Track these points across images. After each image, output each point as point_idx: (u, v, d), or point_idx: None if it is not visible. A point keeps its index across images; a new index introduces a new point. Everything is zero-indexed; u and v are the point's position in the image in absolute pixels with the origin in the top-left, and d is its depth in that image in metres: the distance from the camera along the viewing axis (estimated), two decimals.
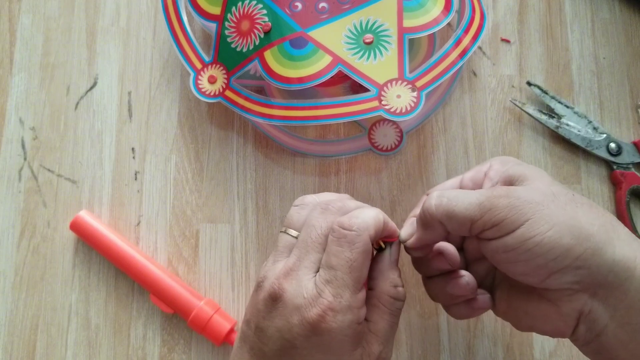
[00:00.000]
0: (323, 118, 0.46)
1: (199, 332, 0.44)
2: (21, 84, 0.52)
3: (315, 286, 0.31)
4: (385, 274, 0.34)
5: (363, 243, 0.31)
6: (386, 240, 0.35)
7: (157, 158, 0.50)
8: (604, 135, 0.50)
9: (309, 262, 0.32)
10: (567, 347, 0.46)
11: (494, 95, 0.52)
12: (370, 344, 0.32)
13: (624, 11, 0.54)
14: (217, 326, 0.44)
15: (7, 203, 0.49)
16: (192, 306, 0.45)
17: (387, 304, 0.33)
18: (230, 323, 0.45)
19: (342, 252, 0.31)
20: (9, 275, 0.48)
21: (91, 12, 0.54)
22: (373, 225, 0.32)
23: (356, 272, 0.31)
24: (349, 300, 0.31)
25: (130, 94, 0.52)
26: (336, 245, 0.31)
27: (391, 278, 0.34)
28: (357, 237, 0.31)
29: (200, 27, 0.52)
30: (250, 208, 0.49)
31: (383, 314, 0.33)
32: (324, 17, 0.47)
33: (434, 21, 0.46)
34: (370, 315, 0.33)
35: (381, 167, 0.50)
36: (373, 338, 0.32)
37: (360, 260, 0.31)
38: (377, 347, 0.32)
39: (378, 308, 0.33)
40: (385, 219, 0.34)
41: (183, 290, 0.45)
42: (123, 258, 0.46)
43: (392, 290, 0.33)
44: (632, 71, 0.52)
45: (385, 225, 0.34)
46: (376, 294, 0.33)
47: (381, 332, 0.32)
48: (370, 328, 0.33)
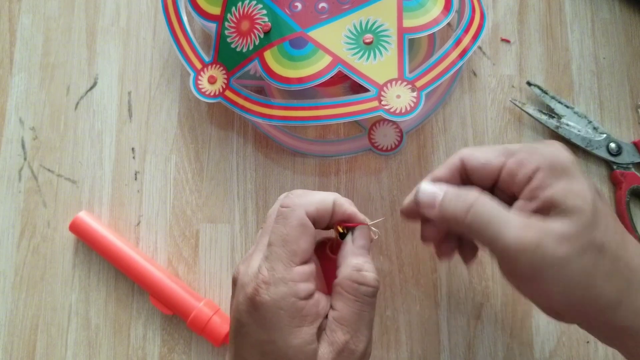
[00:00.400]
0: (323, 118, 0.46)
1: (199, 333, 0.44)
2: (21, 84, 0.52)
3: (258, 265, 0.32)
4: (348, 260, 0.33)
5: (296, 217, 0.32)
6: (347, 225, 0.34)
7: (157, 158, 0.50)
8: (604, 135, 0.50)
9: (262, 246, 0.33)
10: (567, 347, 0.46)
11: (494, 95, 0.52)
12: (334, 332, 0.31)
13: (624, 11, 0.54)
14: (216, 327, 0.44)
15: (7, 203, 0.49)
16: (191, 307, 0.45)
17: (349, 289, 0.32)
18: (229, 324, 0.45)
19: (277, 228, 0.32)
20: (9, 275, 0.48)
21: (91, 12, 0.54)
22: (314, 203, 0.33)
23: (290, 245, 0.31)
24: (282, 272, 0.31)
25: (130, 94, 0.52)
26: (275, 223, 0.32)
27: (354, 263, 0.33)
28: (291, 212, 0.32)
29: (200, 27, 0.52)
30: (250, 208, 0.49)
31: (347, 300, 0.32)
32: (323, 17, 0.47)
33: (434, 21, 0.46)
34: (335, 303, 0.32)
35: (381, 167, 0.50)
36: (337, 326, 0.31)
37: (294, 234, 0.32)
38: (342, 336, 0.31)
39: (341, 295, 0.32)
40: (338, 201, 0.34)
41: (182, 292, 0.45)
42: (122, 259, 0.46)
43: (355, 274, 0.32)
44: (632, 71, 0.52)
45: (338, 207, 0.33)
46: (338, 281, 0.33)
47: (346, 321, 0.31)
48: (334, 316, 0.32)
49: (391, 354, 0.46)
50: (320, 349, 0.31)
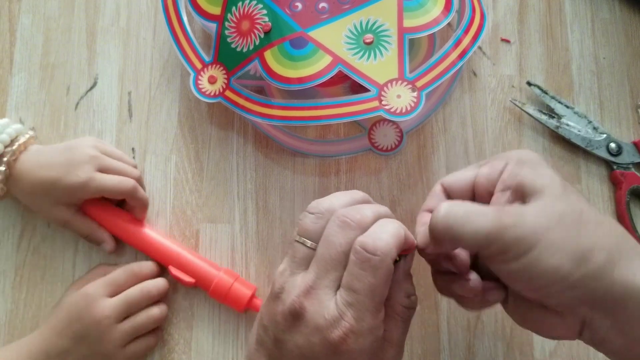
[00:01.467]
0: (323, 118, 0.46)
1: (221, 301, 0.45)
2: (21, 84, 0.52)
3: (336, 307, 0.31)
4: (400, 285, 0.34)
5: (386, 268, 0.31)
6: (404, 253, 0.34)
7: (157, 158, 0.50)
8: (604, 135, 0.50)
9: (329, 281, 0.32)
10: (567, 347, 0.46)
11: (494, 95, 0.52)
12: (385, 351, 0.33)
13: (624, 11, 0.54)
14: (238, 294, 0.45)
15: (7, 203, 0.49)
16: (212, 276, 0.45)
17: (402, 314, 0.33)
18: (251, 290, 0.45)
19: (365, 277, 0.31)
20: (9, 275, 0.48)
21: (91, 12, 0.54)
22: (395, 246, 0.32)
23: (378, 296, 0.31)
24: (370, 323, 0.31)
25: (130, 94, 0.52)
26: (359, 269, 0.31)
27: (405, 288, 0.34)
28: (381, 262, 0.31)
29: (200, 27, 0.52)
30: (250, 208, 0.49)
31: (397, 322, 0.33)
32: (324, 17, 0.47)
33: (434, 21, 0.46)
34: (385, 324, 0.33)
35: (381, 167, 0.50)
36: (387, 346, 0.33)
37: (382, 284, 0.31)
38: (391, 354, 0.33)
39: (393, 318, 0.33)
40: (405, 234, 0.33)
41: (201, 262, 0.46)
42: (137, 236, 0.47)
43: (406, 301, 0.34)
44: (632, 71, 0.53)
45: (405, 240, 0.33)
46: (391, 304, 0.33)
47: (395, 340, 0.33)
48: (385, 337, 0.33)
49: None
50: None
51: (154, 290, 0.45)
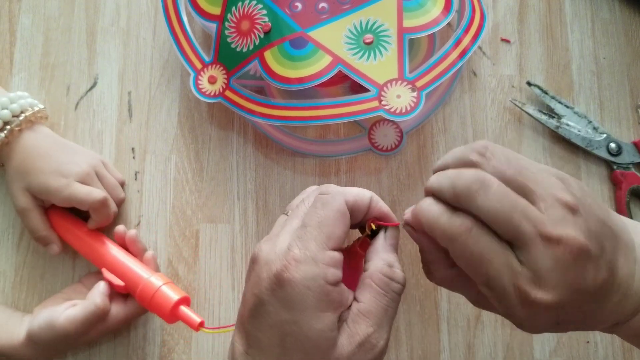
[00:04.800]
0: (323, 118, 0.46)
1: (147, 306, 0.42)
2: (21, 84, 0.52)
3: (288, 244, 0.31)
4: (380, 255, 0.33)
5: (336, 203, 0.32)
6: (381, 224, 0.34)
7: (157, 158, 0.50)
8: (604, 135, 0.50)
9: (290, 227, 0.32)
10: (567, 347, 0.46)
11: (494, 95, 0.52)
12: (357, 323, 0.31)
13: (624, 11, 0.54)
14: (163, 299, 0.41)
15: (7, 203, 0.49)
16: (139, 279, 0.43)
17: (379, 282, 0.32)
18: (179, 296, 0.42)
19: (315, 211, 0.32)
20: (9, 275, 0.48)
21: (91, 12, 0.54)
22: (353, 194, 0.33)
23: (326, 228, 0.31)
24: (314, 252, 0.30)
25: (130, 94, 0.52)
26: (311, 207, 0.32)
27: (385, 257, 0.33)
28: (331, 197, 0.32)
29: (200, 27, 0.52)
30: (250, 208, 0.49)
31: (376, 294, 0.32)
32: (324, 17, 0.47)
33: (434, 21, 0.46)
34: (361, 295, 0.32)
35: (381, 167, 0.50)
36: (361, 318, 0.31)
37: (331, 217, 0.32)
38: (365, 329, 0.31)
39: (370, 287, 0.32)
40: (374, 198, 0.34)
41: (135, 266, 0.44)
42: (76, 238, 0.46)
43: (386, 269, 0.32)
44: (632, 71, 0.52)
45: (374, 203, 0.34)
46: (368, 273, 0.32)
47: (372, 314, 0.31)
48: (360, 308, 0.31)
49: (391, 354, 0.46)
50: (340, 339, 0.30)
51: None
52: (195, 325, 0.41)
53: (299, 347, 0.30)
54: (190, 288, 0.47)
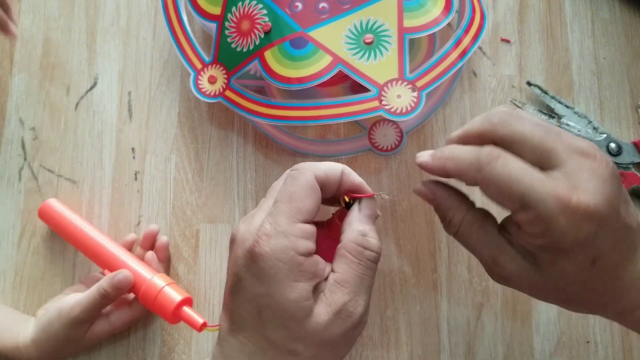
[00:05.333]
0: (323, 118, 0.46)
1: (150, 307, 0.43)
2: (21, 84, 0.52)
3: (261, 221, 0.32)
4: (353, 225, 0.34)
5: (305, 178, 0.33)
6: (355, 196, 0.35)
7: (157, 158, 0.50)
8: (604, 135, 0.50)
9: (265, 207, 0.33)
10: (567, 347, 0.46)
11: (494, 95, 0.52)
12: (333, 293, 0.32)
13: (624, 11, 0.54)
14: (166, 299, 0.42)
15: (7, 203, 0.49)
16: (143, 280, 0.43)
17: (353, 251, 0.32)
18: (182, 296, 0.42)
19: (285, 187, 0.33)
20: (9, 275, 0.48)
21: (91, 12, 0.54)
22: (323, 169, 0.33)
23: (296, 202, 0.32)
24: (284, 226, 0.31)
25: (130, 94, 0.52)
26: (282, 184, 0.33)
27: (359, 228, 0.33)
28: (300, 173, 0.33)
29: (200, 27, 0.52)
30: (250, 208, 0.49)
31: (350, 263, 0.32)
32: (324, 17, 0.47)
33: (434, 21, 0.46)
34: (337, 266, 0.33)
35: (381, 167, 0.50)
36: (337, 288, 0.32)
37: (301, 192, 0.32)
38: (341, 297, 0.32)
39: (345, 257, 0.33)
40: (346, 170, 0.34)
41: (138, 267, 0.44)
42: (80, 239, 0.46)
43: (359, 238, 0.33)
44: (632, 71, 0.53)
45: (347, 176, 0.34)
46: (343, 244, 0.33)
47: (347, 282, 0.32)
48: (336, 278, 0.32)
49: (391, 354, 0.46)
50: (316, 308, 0.31)
51: None
52: (198, 326, 0.41)
53: (276, 318, 0.31)
54: (190, 288, 0.47)
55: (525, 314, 0.46)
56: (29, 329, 0.43)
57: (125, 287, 0.42)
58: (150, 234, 0.47)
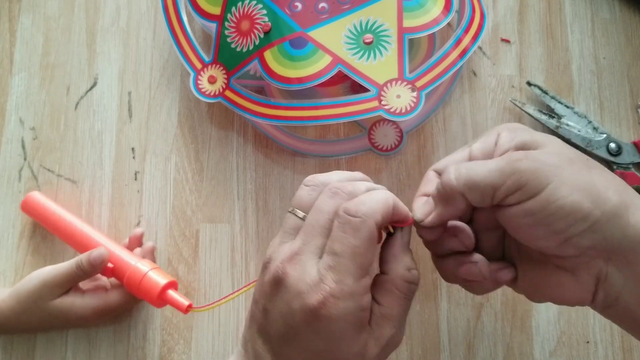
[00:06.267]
0: (323, 118, 0.46)
1: (136, 293, 0.43)
2: (21, 84, 0.52)
3: (318, 272, 0.30)
4: (399, 258, 0.33)
5: (368, 229, 0.31)
6: (397, 225, 0.34)
7: (157, 158, 0.50)
8: (604, 135, 0.50)
9: (313, 247, 0.31)
10: (567, 347, 0.46)
11: (494, 95, 0.52)
12: (382, 327, 0.32)
13: (624, 11, 0.54)
14: (151, 283, 0.42)
15: (7, 203, 0.49)
16: (127, 264, 0.43)
17: (402, 288, 0.32)
18: (166, 280, 0.42)
19: (346, 239, 0.30)
20: (9, 275, 0.48)
21: (91, 12, 0.54)
22: (380, 211, 0.31)
23: (360, 258, 0.30)
24: (351, 287, 0.30)
25: (130, 94, 0.52)
26: (340, 231, 0.31)
27: (405, 261, 0.33)
28: (362, 223, 0.31)
29: (200, 27, 0.52)
30: (250, 208, 0.49)
31: (398, 298, 0.32)
32: (323, 17, 0.47)
33: (434, 21, 0.46)
34: (383, 299, 0.32)
35: (381, 167, 0.50)
36: (385, 322, 0.32)
37: (364, 246, 0.30)
38: (389, 331, 0.32)
39: (392, 292, 0.32)
40: (395, 203, 0.33)
41: (122, 252, 0.44)
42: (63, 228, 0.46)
43: (407, 274, 0.33)
44: (632, 71, 0.52)
45: (395, 209, 0.33)
46: (390, 279, 0.33)
47: (395, 317, 0.32)
48: (383, 312, 0.32)
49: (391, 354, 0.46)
50: (368, 343, 0.31)
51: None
52: (184, 308, 0.41)
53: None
54: (190, 288, 0.47)
55: (525, 314, 0.46)
56: (4, 293, 0.44)
57: (99, 262, 0.43)
58: (135, 237, 0.47)
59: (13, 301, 0.43)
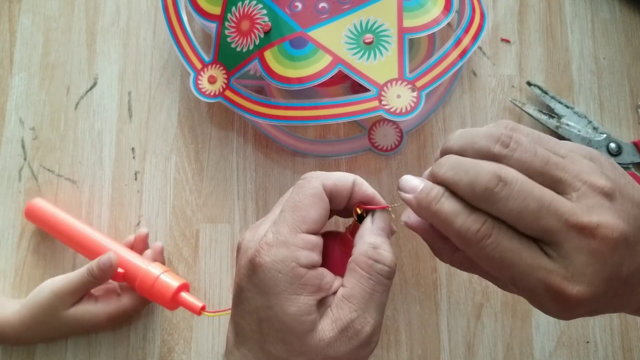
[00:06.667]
0: (323, 118, 0.46)
1: (147, 296, 0.43)
2: (21, 84, 0.52)
3: (265, 230, 0.31)
4: (364, 238, 0.32)
5: (311, 186, 0.32)
6: (368, 207, 0.33)
7: (157, 158, 0.50)
8: (604, 135, 0.50)
9: (272, 216, 0.33)
10: (567, 347, 0.46)
11: (494, 95, 0.52)
12: (340, 308, 0.30)
13: (624, 11, 0.54)
14: (163, 286, 0.42)
15: (7, 203, 0.49)
16: (138, 268, 0.43)
17: (363, 265, 0.31)
18: (179, 282, 0.43)
19: (291, 196, 0.32)
20: (9, 275, 0.48)
21: (91, 12, 0.54)
22: (332, 178, 0.32)
23: (300, 211, 0.31)
24: (286, 236, 0.30)
25: (130, 94, 0.52)
26: (289, 193, 0.32)
27: (371, 240, 0.32)
28: (307, 182, 0.32)
29: (200, 27, 0.52)
30: (250, 208, 0.49)
31: (360, 277, 0.30)
32: (324, 17, 0.47)
33: (434, 21, 0.46)
34: (346, 280, 0.31)
35: (381, 167, 0.50)
36: (344, 303, 0.30)
37: (306, 201, 0.31)
38: (348, 314, 0.30)
39: (354, 271, 0.31)
40: (357, 181, 0.33)
41: (132, 257, 0.44)
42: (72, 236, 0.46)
43: (370, 251, 0.31)
44: (632, 71, 0.53)
45: (358, 187, 0.33)
46: (353, 258, 0.31)
47: (355, 298, 0.30)
48: (343, 293, 0.30)
49: (391, 354, 0.46)
50: (321, 323, 0.30)
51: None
52: (198, 310, 0.42)
53: (276, 332, 0.30)
54: (190, 288, 0.47)
55: (525, 313, 0.46)
56: (16, 305, 0.44)
57: (108, 267, 0.42)
58: (140, 238, 0.47)
59: (26, 313, 0.43)
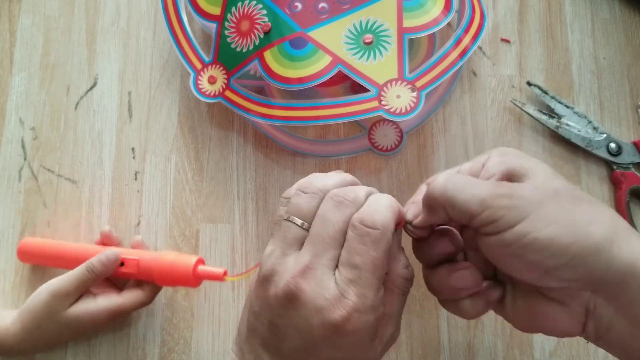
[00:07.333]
0: (323, 118, 0.46)
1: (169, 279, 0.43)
2: (21, 84, 0.52)
3: (337, 286, 0.30)
4: (397, 257, 0.33)
5: (387, 241, 0.31)
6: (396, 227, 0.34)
7: (157, 158, 0.50)
8: (604, 135, 0.50)
9: (326, 260, 0.31)
10: (567, 347, 0.46)
11: (494, 95, 0.52)
12: (384, 327, 0.32)
13: (624, 11, 0.54)
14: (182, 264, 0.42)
15: (7, 203, 0.49)
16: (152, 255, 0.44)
17: (402, 286, 0.33)
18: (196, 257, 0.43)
19: (366, 252, 0.30)
20: (9, 275, 0.48)
21: (91, 12, 0.54)
22: (393, 219, 0.32)
23: (379, 270, 0.31)
24: (372, 299, 0.30)
25: (130, 94, 0.52)
26: (359, 244, 0.30)
27: (402, 260, 0.34)
28: (382, 235, 0.30)
29: (200, 27, 0.52)
30: (250, 208, 0.49)
31: (397, 296, 0.33)
32: (323, 17, 0.47)
33: (434, 21, 0.46)
34: (385, 299, 0.32)
35: (381, 167, 0.50)
36: (387, 321, 0.32)
37: (383, 258, 0.31)
38: (390, 329, 0.32)
39: (392, 291, 0.33)
40: (400, 208, 0.33)
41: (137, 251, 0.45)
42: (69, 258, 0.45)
43: (404, 272, 0.33)
44: (632, 71, 0.52)
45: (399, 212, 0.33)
46: (390, 278, 0.33)
47: (394, 314, 0.32)
48: (386, 312, 0.32)
49: (391, 354, 0.46)
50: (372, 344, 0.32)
51: None
52: (221, 276, 0.42)
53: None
54: (190, 288, 0.47)
55: None
56: (15, 314, 0.43)
57: (113, 262, 0.43)
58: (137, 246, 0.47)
59: (25, 318, 0.42)
